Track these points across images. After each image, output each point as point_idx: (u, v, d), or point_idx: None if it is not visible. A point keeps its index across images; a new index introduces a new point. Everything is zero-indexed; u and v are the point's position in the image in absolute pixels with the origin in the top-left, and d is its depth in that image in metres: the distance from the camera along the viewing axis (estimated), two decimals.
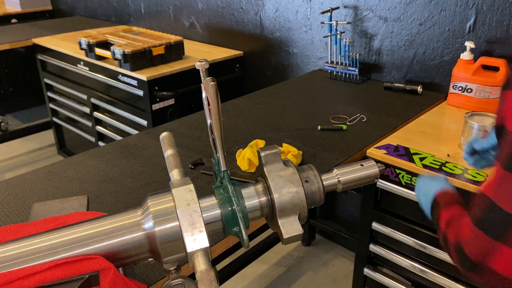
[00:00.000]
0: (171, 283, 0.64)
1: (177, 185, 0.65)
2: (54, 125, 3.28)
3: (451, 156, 1.40)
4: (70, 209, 0.82)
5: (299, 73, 2.45)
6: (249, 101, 1.93)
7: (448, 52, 1.86)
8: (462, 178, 1.29)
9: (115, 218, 0.64)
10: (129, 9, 3.39)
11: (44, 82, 3.08)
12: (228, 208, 0.67)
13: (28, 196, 1.21)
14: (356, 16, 2.11)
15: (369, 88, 2.04)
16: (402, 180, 1.42)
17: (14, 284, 0.56)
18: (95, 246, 0.61)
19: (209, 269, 0.57)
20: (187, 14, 2.94)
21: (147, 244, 0.63)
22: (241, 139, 1.54)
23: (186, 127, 1.66)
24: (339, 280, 2.24)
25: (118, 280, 0.61)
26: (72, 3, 3.97)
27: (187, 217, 0.61)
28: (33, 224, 0.71)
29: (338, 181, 0.72)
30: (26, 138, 3.62)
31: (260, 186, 0.70)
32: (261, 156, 0.69)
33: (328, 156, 1.41)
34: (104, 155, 1.45)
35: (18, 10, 3.88)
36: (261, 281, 2.25)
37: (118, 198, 1.20)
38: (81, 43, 2.49)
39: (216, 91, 0.68)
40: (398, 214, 1.51)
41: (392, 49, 2.04)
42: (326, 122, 1.67)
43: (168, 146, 0.77)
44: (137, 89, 2.26)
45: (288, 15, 2.39)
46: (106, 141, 2.70)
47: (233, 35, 2.71)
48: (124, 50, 2.21)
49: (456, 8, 1.79)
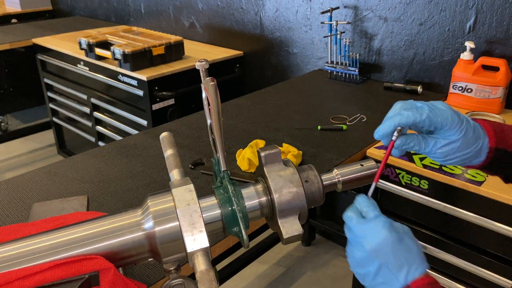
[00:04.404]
0: (171, 283, 0.64)
1: (177, 185, 0.65)
2: (54, 125, 3.28)
3: None
4: (70, 209, 0.82)
5: (299, 73, 2.45)
6: (249, 101, 1.93)
7: (448, 52, 1.86)
8: (462, 178, 1.29)
9: (115, 218, 0.64)
10: (129, 9, 3.39)
11: (44, 82, 3.08)
12: (228, 208, 0.67)
13: (28, 196, 1.21)
14: (356, 16, 2.11)
15: (369, 88, 2.04)
16: (402, 180, 1.42)
17: (14, 284, 0.56)
18: (95, 246, 0.61)
19: (209, 269, 0.57)
20: (187, 14, 2.94)
21: (147, 244, 0.63)
22: (241, 139, 1.54)
23: (186, 127, 1.66)
24: (339, 280, 2.24)
25: (118, 280, 0.60)
26: (72, 3, 3.97)
27: (187, 217, 0.61)
28: (33, 224, 0.71)
29: (338, 181, 0.72)
30: (26, 138, 3.62)
31: (260, 186, 0.70)
32: (261, 156, 0.69)
33: (328, 156, 1.41)
34: (104, 155, 1.45)
35: (18, 10, 3.88)
36: (261, 281, 2.25)
37: (118, 198, 1.20)
38: (81, 43, 2.49)
39: (216, 91, 0.68)
40: (398, 214, 1.51)
41: (392, 49, 2.04)
42: (326, 122, 1.67)
43: (168, 146, 0.76)
44: (137, 89, 2.26)
45: (288, 15, 2.39)
46: (106, 141, 2.70)
47: (233, 35, 2.71)
48: (124, 50, 2.21)
49: (456, 8, 1.79)
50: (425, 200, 1.39)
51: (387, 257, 0.53)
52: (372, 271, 0.54)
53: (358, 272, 0.57)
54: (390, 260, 0.53)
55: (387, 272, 0.53)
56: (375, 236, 0.55)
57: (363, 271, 0.56)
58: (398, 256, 0.53)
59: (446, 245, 1.41)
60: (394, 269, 0.53)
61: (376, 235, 0.55)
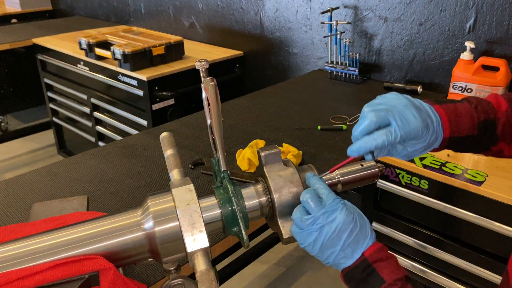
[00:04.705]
0: (171, 283, 0.64)
1: (177, 185, 0.65)
2: (54, 125, 3.28)
3: (451, 156, 1.40)
4: (70, 209, 0.82)
5: (299, 73, 2.45)
6: (249, 101, 1.93)
7: (448, 52, 1.86)
8: (462, 178, 1.29)
9: (115, 218, 0.64)
10: (129, 9, 3.39)
11: (44, 82, 3.08)
12: (228, 208, 0.67)
13: (28, 196, 1.21)
14: (356, 16, 2.11)
15: (369, 88, 2.04)
16: (402, 180, 1.42)
17: (14, 284, 0.56)
18: (95, 246, 0.61)
19: (209, 269, 0.57)
20: (187, 14, 2.94)
21: (147, 244, 0.63)
22: (241, 139, 1.54)
23: (186, 127, 1.66)
24: (339, 280, 2.24)
25: (118, 280, 0.61)
26: (72, 3, 3.97)
27: (187, 217, 0.61)
28: (33, 224, 0.71)
29: (338, 181, 0.72)
30: (26, 138, 3.62)
31: (260, 186, 0.70)
32: (261, 156, 0.69)
33: (328, 156, 1.41)
34: (104, 155, 1.45)
35: (18, 10, 3.88)
36: (261, 281, 2.25)
37: (118, 198, 1.20)
38: (81, 43, 2.49)
39: (216, 91, 0.68)
40: (398, 214, 1.51)
41: (392, 49, 2.04)
42: (326, 122, 1.67)
43: (168, 146, 0.77)
44: (137, 89, 2.26)
45: (288, 15, 2.39)
46: (106, 141, 2.70)
47: (233, 35, 2.71)
48: (124, 50, 2.21)
49: (456, 8, 1.79)
50: (425, 200, 1.39)
51: (348, 235, 0.62)
52: (337, 250, 0.63)
53: (324, 254, 0.64)
54: (352, 238, 0.62)
55: (349, 248, 0.63)
56: (338, 220, 0.62)
57: (328, 251, 0.63)
58: (356, 233, 0.63)
59: (446, 245, 1.41)
60: (353, 244, 0.63)
61: (338, 218, 0.62)
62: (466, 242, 1.38)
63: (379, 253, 0.63)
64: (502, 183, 1.25)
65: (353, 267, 0.63)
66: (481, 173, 1.30)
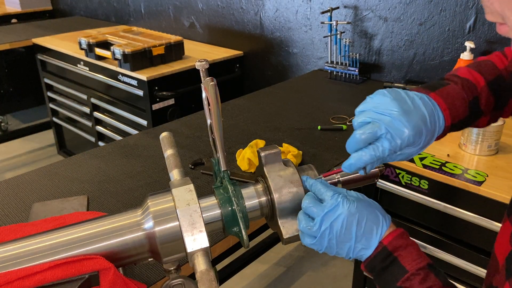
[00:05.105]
0: (171, 283, 0.64)
1: (177, 185, 0.65)
2: (54, 125, 3.28)
3: (451, 156, 1.40)
4: (70, 209, 0.82)
5: (299, 73, 2.45)
6: (249, 101, 1.93)
7: (448, 52, 1.86)
8: (462, 178, 1.29)
9: (115, 218, 0.64)
10: (129, 9, 3.39)
11: (44, 82, 3.08)
12: (228, 208, 0.67)
13: (28, 196, 1.21)
14: (356, 16, 2.11)
15: (369, 88, 2.04)
16: (402, 180, 1.42)
17: (14, 284, 0.56)
18: (95, 246, 0.61)
19: (209, 269, 0.57)
20: (187, 14, 2.94)
21: (147, 244, 0.63)
22: (241, 139, 1.54)
23: (186, 127, 1.66)
24: (339, 280, 2.24)
25: (118, 280, 0.61)
26: (72, 3, 3.97)
27: (187, 217, 0.61)
28: (33, 224, 0.71)
29: (338, 181, 0.72)
30: (26, 138, 3.62)
31: (260, 186, 0.70)
32: (261, 156, 0.69)
33: (328, 156, 1.41)
34: (104, 155, 1.45)
35: (18, 10, 3.88)
36: (261, 281, 2.25)
37: (118, 198, 1.20)
38: (81, 43, 2.49)
39: (216, 91, 0.68)
40: (398, 214, 1.51)
41: (392, 49, 2.04)
42: (326, 122, 1.67)
43: (168, 146, 0.77)
44: (137, 89, 2.26)
45: (288, 15, 2.39)
46: (106, 141, 2.70)
47: (233, 35, 2.71)
48: (124, 50, 2.21)
49: (456, 8, 1.79)
50: (425, 200, 1.39)
51: (358, 227, 0.61)
52: (353, 243, 0.62)
53: (343, 251, 0.63)
54: (362, 228, 0.61)
55: (363, 238, 0.61)
56: (342, 215, 0.61)
57: (345, 247, 0.62)
58: (366, 222, 0.61)
59: (446, 245, 1.41)
60: (367, 234, 0.61)
61: (342, 212, 0.61)
62: (466, 242, 1.38)
63: (398, 240, 0.61)
64: (502, 183, 1.25)
65: (373, 256, 0.62)
66: (481, 173, 1.30)
